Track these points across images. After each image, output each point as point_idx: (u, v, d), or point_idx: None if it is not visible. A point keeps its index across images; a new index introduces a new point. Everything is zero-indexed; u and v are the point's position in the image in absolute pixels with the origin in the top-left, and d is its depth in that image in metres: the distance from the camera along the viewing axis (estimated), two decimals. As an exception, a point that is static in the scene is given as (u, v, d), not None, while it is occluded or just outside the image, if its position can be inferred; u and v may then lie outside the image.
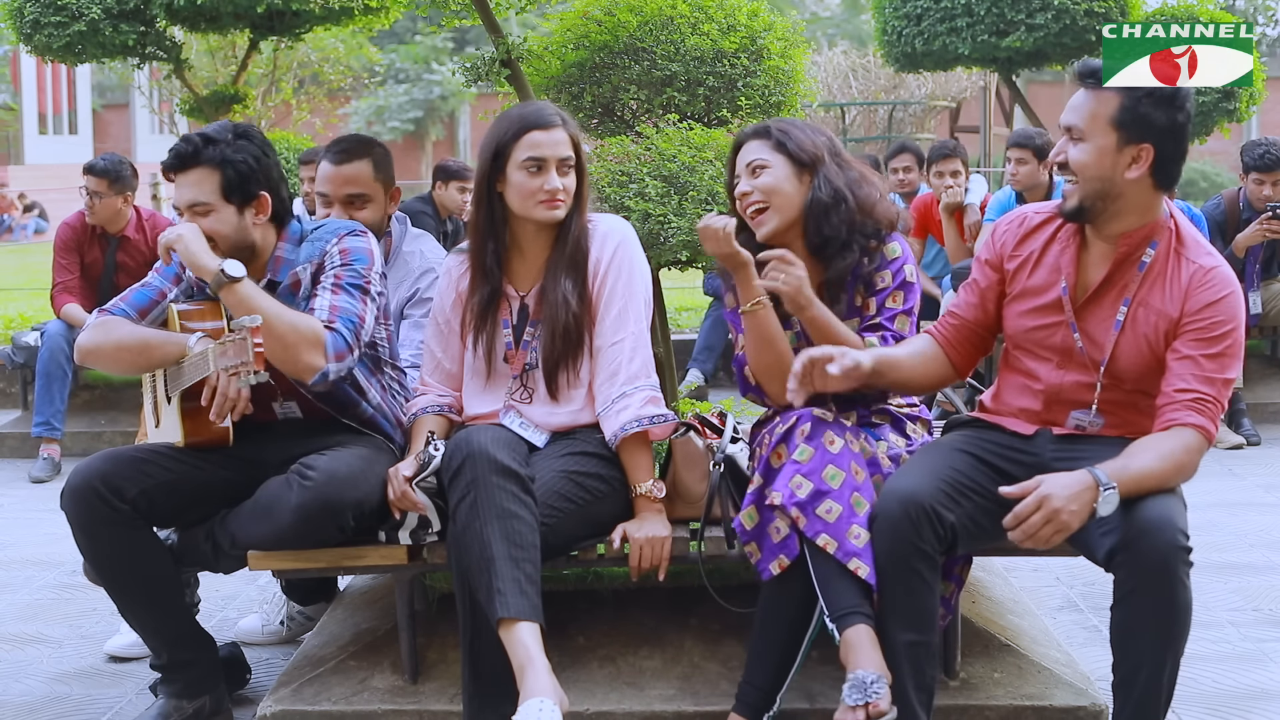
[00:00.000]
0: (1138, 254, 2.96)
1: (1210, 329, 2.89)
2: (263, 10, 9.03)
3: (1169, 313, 2.92)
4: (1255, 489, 5.95)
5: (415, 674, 3.34)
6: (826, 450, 2.99)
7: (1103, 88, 2.94)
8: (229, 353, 2.90)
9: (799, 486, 2.95)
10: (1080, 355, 3.00)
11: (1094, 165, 2.92)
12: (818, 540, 2.91)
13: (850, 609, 2.89)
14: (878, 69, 18.21)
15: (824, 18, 38.51)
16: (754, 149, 3.27)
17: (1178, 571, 2.70)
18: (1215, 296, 2.91)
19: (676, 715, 3.21)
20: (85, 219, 6.89)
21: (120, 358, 3.30)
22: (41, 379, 6.71)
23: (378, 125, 34.08)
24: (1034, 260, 3.08)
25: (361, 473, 3.17)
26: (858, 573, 2.89)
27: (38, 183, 26.94)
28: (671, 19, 4.14)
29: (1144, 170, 2.91)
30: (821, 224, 3.19)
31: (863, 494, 2.97)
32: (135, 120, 32.75)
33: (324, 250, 3.30)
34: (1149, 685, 2.76)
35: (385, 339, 3.43)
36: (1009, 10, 9.68)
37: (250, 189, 3.25)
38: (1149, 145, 2.90)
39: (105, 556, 3.25)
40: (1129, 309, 2.95)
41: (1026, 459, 3.02)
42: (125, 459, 3.27)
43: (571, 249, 3.27)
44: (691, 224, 3.65)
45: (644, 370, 3.25)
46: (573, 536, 3.16)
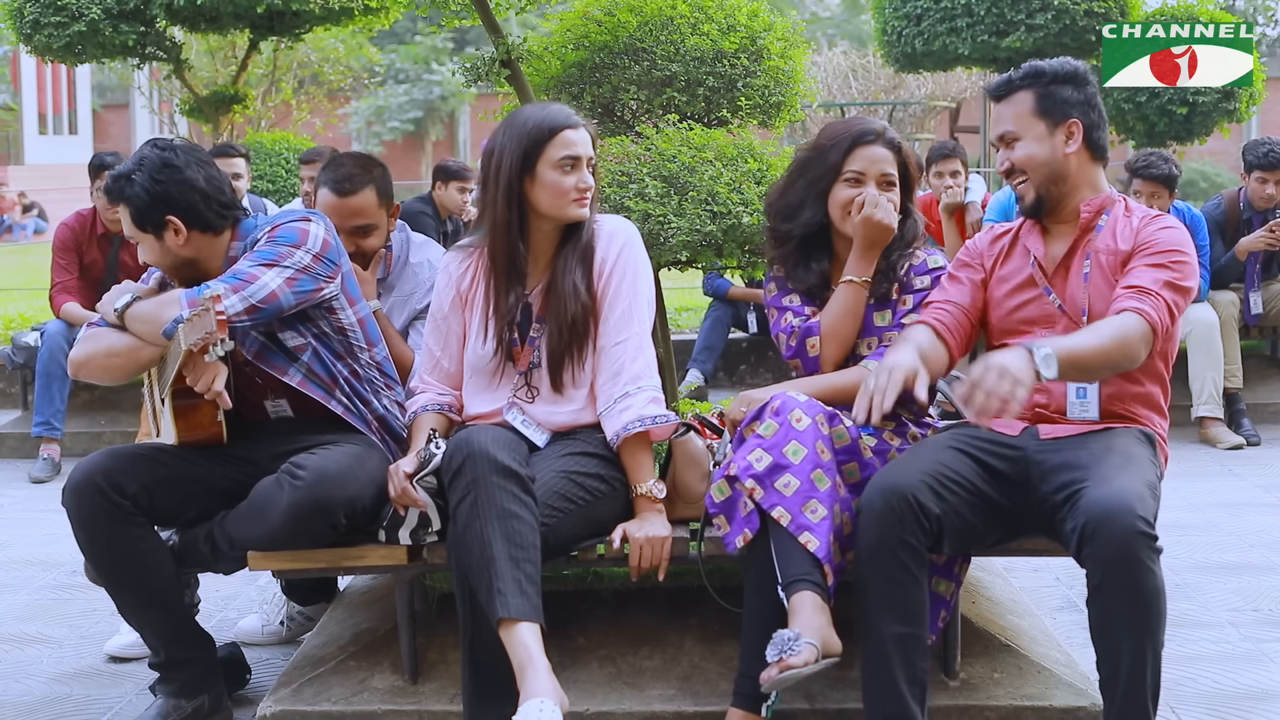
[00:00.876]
0: (1095, 220, 3.18)
1: (1157, 246, 3.10)
2: (263, 10, 9.04)
3: (1123, 250, 3.13)
4: (1255, 489, 5.95)
5: (415, 674, 3.34)
6: (792, 427, 3.04)
7: (1011, 93, 3.20)
8: (196, 327, 2.96)
9: (759, 459, 3.02)
10: (1061, 317, 3.14)
11: (1038, 154, 3.17)
12: (772, 512, 2.97)
13: (798, 576, 2.93)
14: (878, 69, 18.22)
15: (824, 18, 38.51)
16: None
17: (1141, 558, 2.70)
18: (1163, 226, 3.16)
19: (676, 715, 3.21)
20: (81, 218, 6.88)
21: (111, 364, 3.30)
22: (41, 379, 6.71)
23: (378, 125, 34.10)
24: (1004, 253, 3.29)
25: (352, 471, 3.17)
26: (808, 546, 2.93)
27: (38, 183, 26.94)
28: (671, 19, 4.14)
29: (1079, 143, 3.17)
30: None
31: (825, 472, 3.01)
32: (135, 120, 32.70)
33: (256, 237, 3.32)
34: (1132, 678, 2.75)
35: (357, 325, 3.42)
36: (1009, 10, 9.69)
37: (154, 217, 3.27)
38: (1075, 120, 3.17)
39: (105, 552, 3.26)
40: (1092, 260, 3.13)
41: (1014, 455, 3.06)
42: (126, 455, 3.29)
43: (583, 245, 3.28)
44: (691, 224, 3.65)
45: (646, 370, 3.25)
46: (573, 536, 3.16)
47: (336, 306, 3.37)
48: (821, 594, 2.92)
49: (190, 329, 2.98)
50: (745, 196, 3.69)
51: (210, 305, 2.94)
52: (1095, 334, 2.93)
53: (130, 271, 6.66)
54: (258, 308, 3.15)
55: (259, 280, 3.18)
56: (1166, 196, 6.72)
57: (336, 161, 3.84)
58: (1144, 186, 6.72)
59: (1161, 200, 6.70)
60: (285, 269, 3.22)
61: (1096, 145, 3.19)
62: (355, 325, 3.41)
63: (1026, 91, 3.18)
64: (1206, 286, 6.91)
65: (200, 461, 3.30)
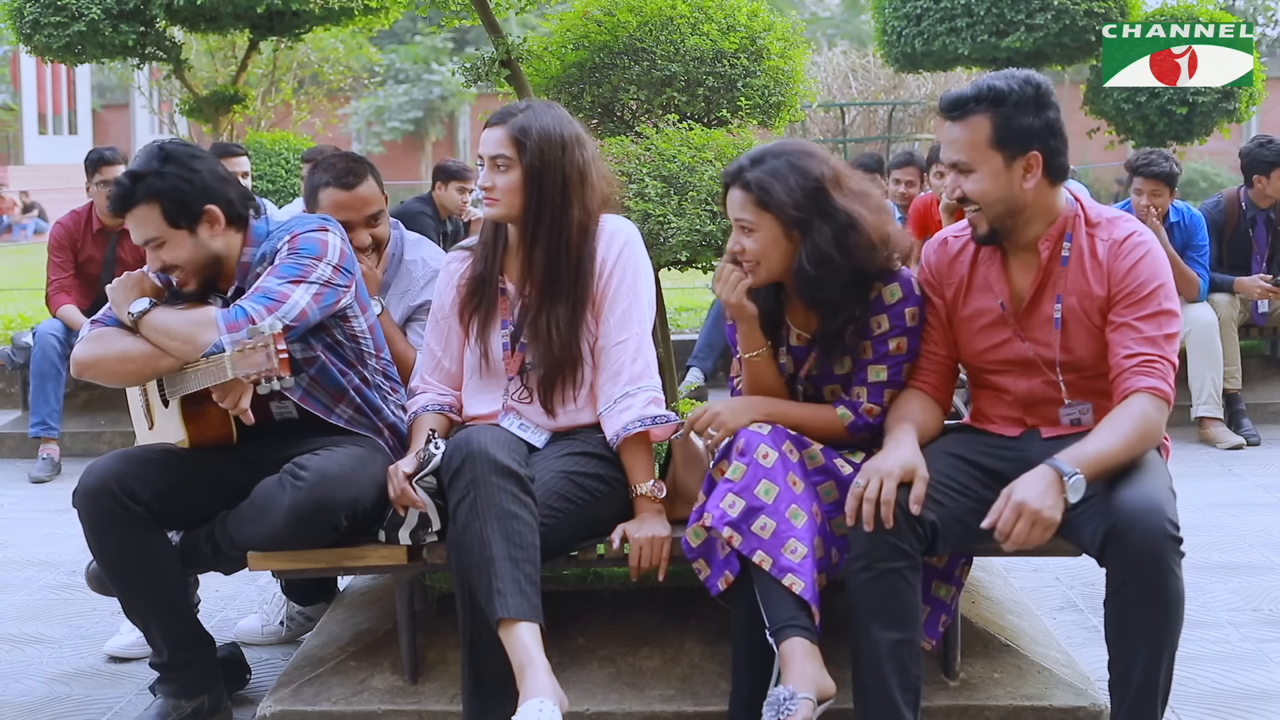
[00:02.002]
0: (1058, 251, 3.00)
1: (1137, 291, 2.93)
2: (262, 10, 9.04)
3: (1098, 292, 2.97)
4: (1255, 489, 5.94)
5: (415, 674, 3.34)
6: (759, 465, 2.98)
7: (966, 116, 2.92)
8: (251, 360, 2.91)
9: (731, 505, 2.96)
10: (1035, 361, 3.04)
11: (992, 190, 2.94)
12: (753, 557, 2.94)
13: (786, 622, 2.90)
14: (878, 69, 18.19)
15: (824, 18, 38.50)
16: (736, 203, 3.10)
17: (1168, 561, 2.70)
18: (1133, 260, 2.95)
19: (676, 715, 3.21)
20: (76, 216, 6.88)
21: (124, 369, 3.25)
22: (35, 379, 6.69)
23: (377, 125, 34.09)
24: (965, 284, 3.10)
25: (354, 472, 3.17)
26: (793, 589, 2.90)
27: (37, 183, 26.93)
28: (671, 19, 4.14)
29: (1038, 176, 2.94)
30: (812, 289, 3.07)
31: (800, 505, 2.97)
32: (135, 120, 32.71)
33: (275, 247, 3.29)
34: (1145, 681, 2.75)
35: (367, 331, 3.42)
36: (1009, 10, 9.69)
37: (193, 209, 3.23)
38: (1035, 152, 2.92)
39: (116, 556, 3.25)
40: (1062, 303, 3.00)
41: (1015, 456, 3.04)
42: (138, 460, 3.27)
43: (568, 259, 3.25)
44: (691, 224, 3.65)
45: (646, 371, 3.25)
46: (572, 537, 3.16)
47: (350, 314, 3.37)
48: (810, 636, 2.90)
49: (242, 360, 2.93)
50: (745, 196, 3.68)
51: (271, 342, 2.89)
52: (1116, 432, 2.82)
53: (128, 267, 6.63)
54: (290, 327, 3.13)
55: (290, 299, 3.16)
56: (1167, 194, 6.73)
57: (327, 163, 3.85)
58: (1145, 185, 6.72)
59: (1162, 198, 6.70)
60: (311, 284, 3.20)
61: (1057, 171, 2.97)
62: (366, 332, 3.41)
63: (983, 117, 2.90)
64: (1206, 287, 6.91)
65: (210, 465, 3.29)
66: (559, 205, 3.22)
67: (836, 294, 3.06)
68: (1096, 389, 3.03)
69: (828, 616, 2.94)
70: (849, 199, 3.06)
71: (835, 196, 3.05)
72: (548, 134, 3.21)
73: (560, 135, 3.22)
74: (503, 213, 3.25)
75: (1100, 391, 3.02)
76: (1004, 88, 2.90)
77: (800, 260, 3.04)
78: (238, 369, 2.94)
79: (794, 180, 3.04)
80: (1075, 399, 3.05)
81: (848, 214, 3.04)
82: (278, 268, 3.21)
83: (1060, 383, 3.04)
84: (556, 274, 3.23)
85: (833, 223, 3.03)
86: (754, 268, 3.10)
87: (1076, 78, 16.37)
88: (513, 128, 3.21)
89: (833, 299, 3.07)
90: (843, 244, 3.02)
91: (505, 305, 3.33)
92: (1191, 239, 6.83)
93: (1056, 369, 3.03)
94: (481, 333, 3.32)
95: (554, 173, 3.21)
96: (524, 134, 3.20)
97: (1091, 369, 3.02)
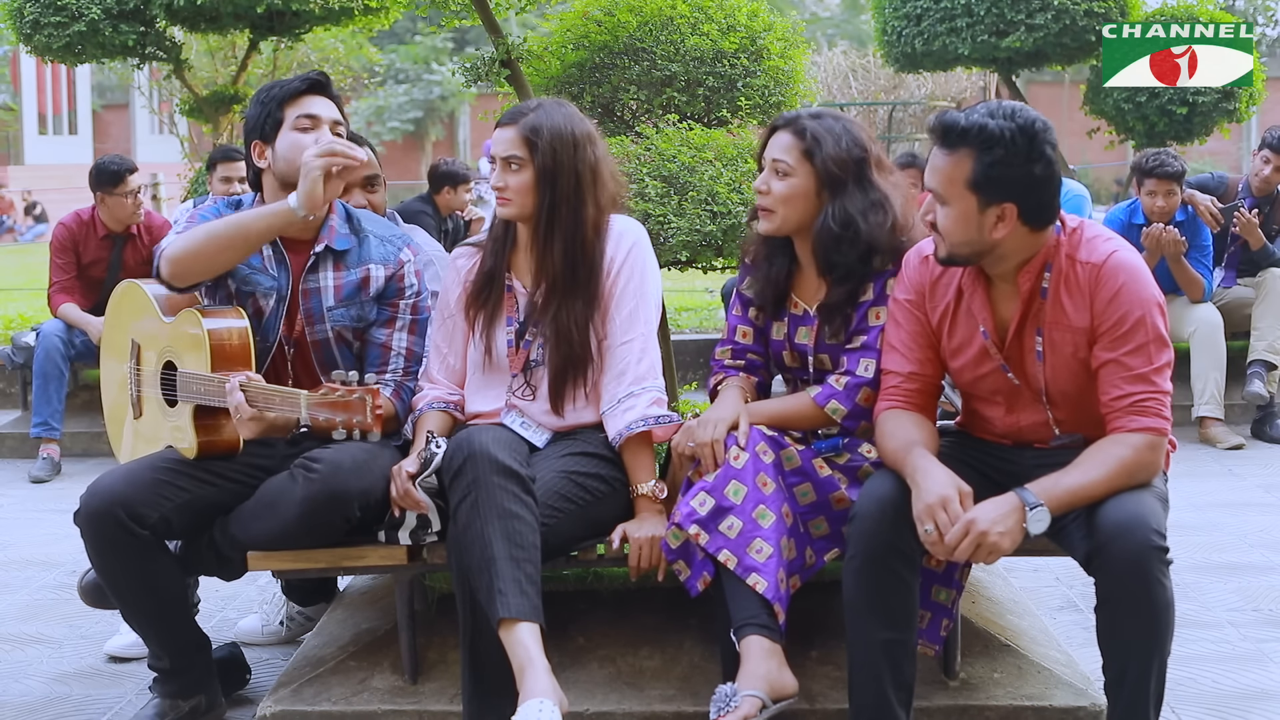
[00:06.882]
0: (1038, 285, 2.90)
1: (1119, 325, 2.82)
2: (263, 10, 9.02)
3: (1080, 324, 2.87)
4: (1255, 489, 5.95)
5: (415, 674, 3.34)
6: (730, 466, 3.02)
7: (954, 149, 2.80)
8: (335, 408, 2.87)
9: (701, 504, 3.00)
10: (1024, 390, 3.00)
11: (959, 231, 2.84)
12: (719, 556, 2.96)
13: (746, 620, 2.93)
14: (878, 69, 18.19)
15: (824, 18, 38.51)
16: (782, 145, 3.17)
17: (1153, 572, 2.68)
18: (1113, 289, 2.83)
19: (676, 715, 3.21)
20: (80, 218, 6.91)
21: (209, 248, 3.19)
22: (38, 379, 6.70)
23: (377, 125, 34.07)
24: (950, 312, 3.00)
25: (365, 464, 3.16)
26: (755, 587, 2.93)
27: (38, 183, 26.92)
28: (671, 19, 4.14)
29: (1010, 227, 2.82)
30: (830, 251, 3.13)
31: (769, 506, 2.99)
32: (135, 120, 32.73)
33: (400, 261, 3.39)
34: (1136, 686, 2.75)
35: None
36: (1009, 10, 9.68)
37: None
38: (1010, 204, 2.79)
39: (119, 574, 3.23)
40: (1044, 337, 2.92)
41: (1009, 467, 3.03)
42: (144, 482, 3.19)
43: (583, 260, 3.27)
44: (691, 224, 3.65)
45: (651, 371, 3.25)
46: (573, 536, 3.16)
47: None
48: (769, 635, 2.93)
49: (322, 404, 2.89)
50: (745, 196, 3.68)
51: (368, 398, 2.86)
52: (1098, 468, 2.77)
53: (132, 271, 6.68)
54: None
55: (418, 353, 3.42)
56: (1179, 193, 6.74)
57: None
58: (1159, 185, 6.72)
59: (1174, 197, 6.72)
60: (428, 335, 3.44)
61: (1037, 219, 2.83)
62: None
63: (967, 156, 2.78)
64: (1211, 287, 6.91)
65: (215, 478, 3.25)
66: (573, 203, 3.22)
67: (853, 259, 3.12)
68: (1089, 419, 2.94)
69: (827, 617, 2.94)
70: (885, 181, 3.18)
71: (874, 173, 3.16)
72: (559, 133, 3.21)
73: (572, 133, 3.23)
74: (516, 212, 3.26)
75: (1093, 421, 2.93)
76: (995, 132, 2.75)
77: (825, 218, 3.13)
78: (313, 410, 2.91)
79: (846, 142, 3.15)
80: (1071, 428, 3.00)
81: (881, 192, 3.15)
82: (419, 322, 3.44)
83: (1050, 419, 3.00)
84: (573, 272, 3.23)
85: (865, 195, 3.14)
86: (770, 214, 3.17)
87: (1076, 78, 16.39)
88: (524, 127, 3.22)
89: (847, 264, 3.13)
90: (868, 217, 3.11)
91: (511, 302, 3.33)
92: (1196, 239, 6.83)
93: (1044, 402, 2.99)
94: (486, 328, 3.32)
95: (567, 171, 3.21)
96: (535, 133, 3.20)
97: (1077, 400, 2.95)
